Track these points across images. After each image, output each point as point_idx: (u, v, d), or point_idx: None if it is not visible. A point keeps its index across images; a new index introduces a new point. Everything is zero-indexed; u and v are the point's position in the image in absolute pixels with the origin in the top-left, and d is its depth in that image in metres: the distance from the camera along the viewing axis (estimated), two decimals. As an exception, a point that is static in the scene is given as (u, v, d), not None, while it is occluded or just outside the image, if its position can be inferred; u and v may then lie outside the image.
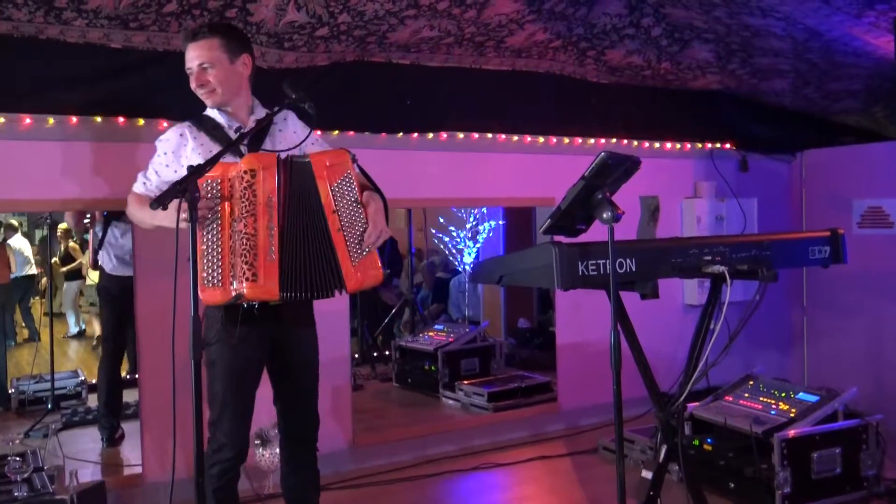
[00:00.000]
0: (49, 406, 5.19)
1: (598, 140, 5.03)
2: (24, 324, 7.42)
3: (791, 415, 3.61)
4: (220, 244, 2.40)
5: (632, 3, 3.91)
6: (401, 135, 4.37)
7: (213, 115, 2.67)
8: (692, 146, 5.46)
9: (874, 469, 3.59)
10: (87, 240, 5.03)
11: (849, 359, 5.24)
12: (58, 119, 3.50)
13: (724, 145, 5.57)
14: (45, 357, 5.58)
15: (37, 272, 7.29)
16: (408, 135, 4.39)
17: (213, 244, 2.40)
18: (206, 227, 2.40)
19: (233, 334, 2.47)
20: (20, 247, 7.09)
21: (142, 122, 3.63)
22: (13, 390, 5.32)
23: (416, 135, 4.42)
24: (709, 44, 4.38)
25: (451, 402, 5.45)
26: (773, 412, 3.68)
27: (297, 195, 2.44)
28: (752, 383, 4.01)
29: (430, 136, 4.47)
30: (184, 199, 2.17)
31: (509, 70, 4.54)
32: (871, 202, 5.17)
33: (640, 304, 2.75)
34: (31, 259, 7.14)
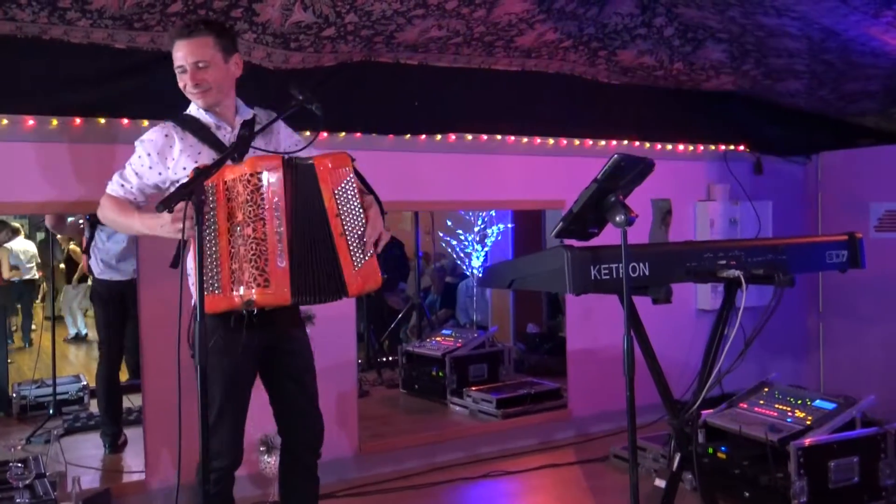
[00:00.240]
0: (51, 411, 5.20)
1: (608, 142, 5.02)
2: (21, 328, 7.46)
3: (807, 423, 3.60)
4: (217, 250, 2.36)
5: (644, 3, 3.91)
6: (408, 136, 4.37)
7: (197, 115, 2.62)
8: (705, 148, 5.45)
9: (893, 478, 3.57)
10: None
11: (866, 365, 5.22)
12: (60, 121, 3.51)
13: (737, 147, 5.55)
14: (47, 362, 5.60)
15: (37, 276, 7.32)
16: (415, 136, 4.40)
17: (210, 250, 2.36)
18: (204, 232, 2.33)
19: (238, 342, 2.45)
20: (19, 249, 7.12)
21: (146, 123, 3.63)
22: (14, 395, 5.34)
23: (423, 136, 4.42)
24: (722, 44, 4.38)
25: (458, 408, 5.44)
26: (789, 420, 3.66)
27: (301, 199, 2.43)
28: (767, 390, 3.99)
29: (438, 137, 4.48)
30: (190, 202, 2.15)
31: (519, 70, 4.54)
32: (889, 205, 5.15)
33: (652, 308, 2.74)
34: (30, 263, 7.16)
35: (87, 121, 3.57)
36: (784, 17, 3.90)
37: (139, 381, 3.85)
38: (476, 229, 6.95)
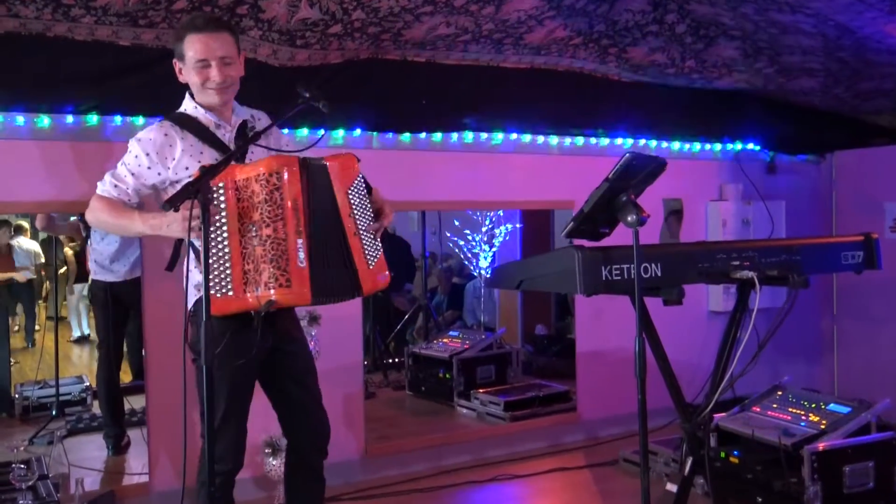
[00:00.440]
0: (54, 412, 5.21)
1: (619, 141, 5.02)
2: (24, 329, 7.47)
3: (821, 427, 3.58)
4: (228, 251, 2.36)
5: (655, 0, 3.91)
6: (416, 135, 4.37)
7: (195, 113, 2.60)
8: (717, 147, 5.44)
9: (909, 484, 3.56)
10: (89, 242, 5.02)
11: (881, 368, 5.20)
12: (63, 118, 3.52)
13: (750, 146, 5.54)
14: (50, 362, 5.62)
15: (33, 277, 7.30)
16: (423, 135, 4.40)
17: (219, 251, 2.35)
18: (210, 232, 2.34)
19: (246, 345, 2.45)
20: (25, 248, 7.14)
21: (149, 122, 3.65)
22: (17, 396, 5.36)
23: (431, 135, 4.42)
24: (735, 41, 4.36)
25: (466, 411, 5.44)
26: (802, 424, 3.65)
27: (316, 199, 2.43)
28: (780, 394, 3.98)
29: (446, 136, 4.48)
30: (195, 201, 2.16)
31: (528, 68, 4.54)
32: (905, 206, 5.14)
33: (663, 310, 2.74)
34: (30, 262, 7.16)
35: (91, 119, 3.58)
36: (798, 14, 3.89)
37: (142, 382, 3.86)
38: (484, 229, 6.95)
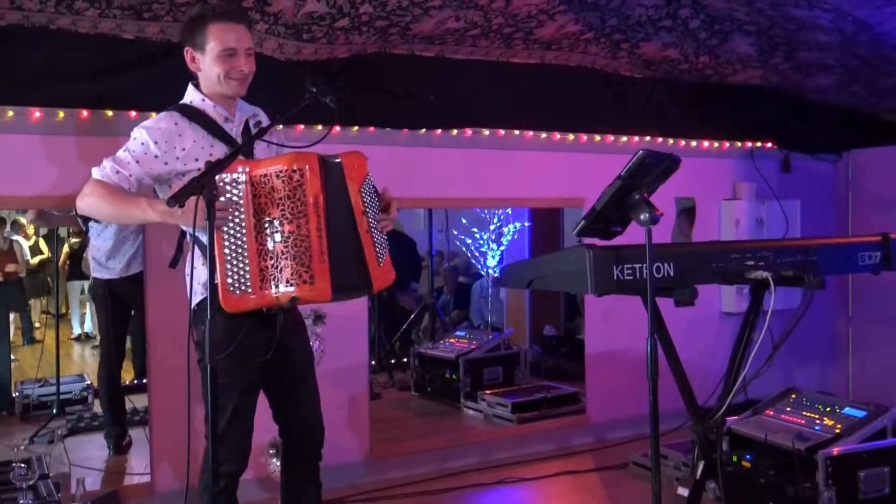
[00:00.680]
0: (54, 411, 5.24)
1: (630, 138, 5.01)
2: (21, 326, 7.50)
3: (836, 431, 3.57)
4: (244, 247, 2.37)
5: (669, -7, 3.91)
6: (423, 131, 4.38)
7: (202, 106, 2.60)
8: (731, 145, 5.43)
9: (925, 490, 3.54)
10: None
11: (898, 372, 5.19)
12: (67, 113, 3.53)
13: (765, 144, 5.53)
14: (50, 360, 5.65)
15: (23, 275, 7.31)
16: (430, 131, 4.40)
17: (237, 247, 2.36)
18: (225, 229, 2.35)
19: (269, 340, 2.47)
20: (26, 244, 7.17)
21: (154, 115, 3.64)
22: (17, 394, 5.38)
23: (439, 131, 4.43)
24: (750, 36, 4.35)
25: (472, 412, 5.44)
26: (816, 428, 3.64)
27: (332, 196, 2.45)
28: (794, 397, 3.97)
29: (454, 132, 4.48)
30: (202, 197, 2.16)
31: (538, 63, 4.53)
32: (923, 205, 5.12)
33: (675, 311, 2.74)
34: (23, 259, 7.18)
35: (94, 113, 3.59)
36: (815, 9, 3.87)
37: (144, 381, 3.87)
38: (492, 227, 6.95)
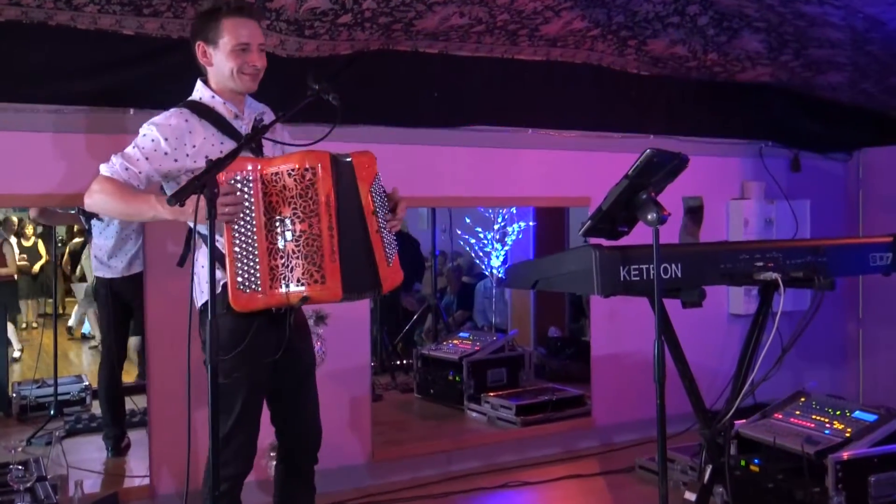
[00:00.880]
0: (52, 412, 5.25)
1: (637, 136, 5.00)
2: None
3: (846, 435, 3.57)
4: (255, 245, 2.38)
5: (677, -11, 3.91)
6: (427, 129, 4.38)
7: (212, 103, 2.60)
8: (739, 143, 5.42)
9: (937, 495, 3.54)
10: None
11: (909, 375, 5.18)
12: (66, 110, 3.54)
13: (774, 142, 5.52)
14: (48, 361, 5.65)
15: (14, 277, 7.31)
16: (434, 129, 4.40)
17: (248, 245, 2.38)
18: (235, 227, 2.37)
19: (279, 340, 2.49)
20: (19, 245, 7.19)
21: (153, 112, 3.65)
22: (14, 395, 5.39)
23: (442, 129, 4.43)
24: (760, 33, 4.35)
25: (476, 415, 5.44)
26: (826, 432, 3.64)
27: (344, 195, 2.46)
28: (803, 400, 3.97)
29: (458, 130, 4.48)
30: (202, 196, 2.16)
31: (544, 60, 4.53)
32: (935, 205, 5.11)
33: (682, 312, 2.74)
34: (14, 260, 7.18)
35: (93, 110, 3.59)
36: (826, 6, 3.87)
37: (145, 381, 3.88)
38: (496, 227, 6.95)
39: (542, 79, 4.56)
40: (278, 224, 2.39)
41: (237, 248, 2.37)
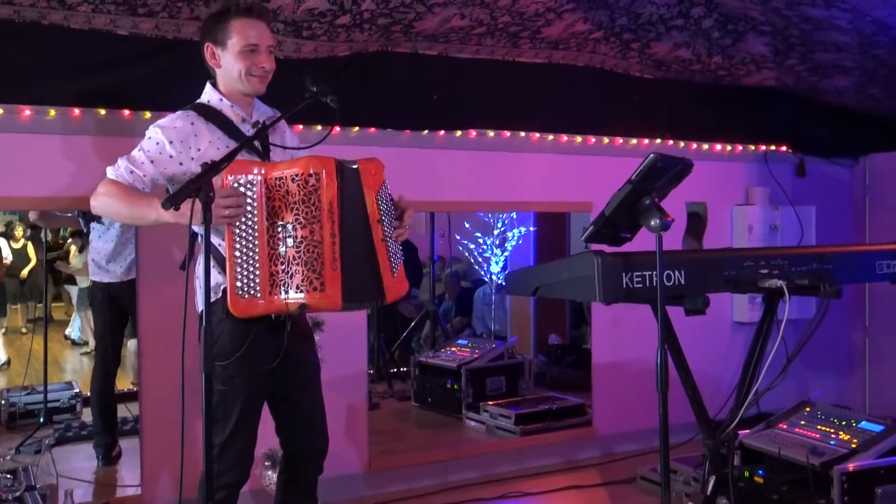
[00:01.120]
0: (41, 420, 5.24)
1: (640, 140, 5.02)
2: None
3: (852, 446, 3.57)
4: (255, 250, 2.38)
5: (681, -8, 3.92)
6: (426, 132, 4.39)
7: (219, 106, 2.62)
8: (744, 148, 5.43)
9: (944, 508, 3.54)
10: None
11: (916, 385, 5.19)
12: (59, 111, 3.54)
13: (779, 147, 5.53)
14: (37, 367, 5.65)
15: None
16: (433, 132, 4.42)
17: (249, 250, 2.38)
18: (237, 231, 2.38)
19: (277, 347, 2.49)
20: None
21: (148, 114, 3.67)
22: (3, 402, 5.38)
23: (442, 132, 4.44)
24: (765, 37, 4.37)
25: (474, 424, 5.44)
26: (832, 442, 3.64)
27: (348, 202, 2.46)
28: (808, 410, 3.97)
29: (458, 133, 4.49)
30: (198, 199, 2.17)
31: (545, 63, 4.55)
32: (943, 212, 5.13)
33: (685, 320, 2.74)
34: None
35: (87, 111, 3.60)
36: (833, 9, 3.88)
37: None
38: (496, 232, 6.96)
39: (543, 81, 4.57)
40: (280, 229, 2.40)
41: (238, 253, 2.38)
